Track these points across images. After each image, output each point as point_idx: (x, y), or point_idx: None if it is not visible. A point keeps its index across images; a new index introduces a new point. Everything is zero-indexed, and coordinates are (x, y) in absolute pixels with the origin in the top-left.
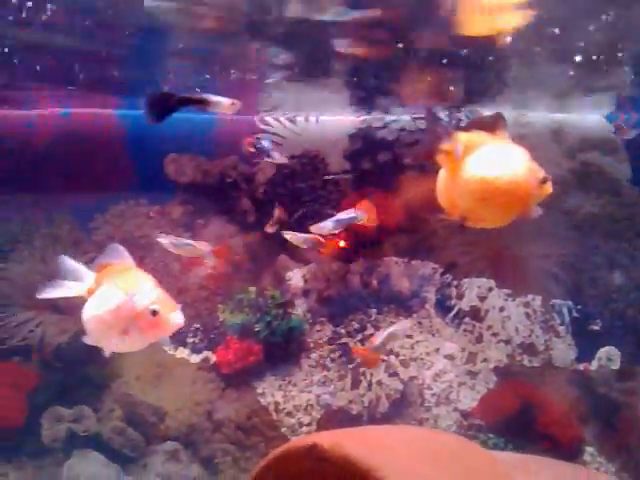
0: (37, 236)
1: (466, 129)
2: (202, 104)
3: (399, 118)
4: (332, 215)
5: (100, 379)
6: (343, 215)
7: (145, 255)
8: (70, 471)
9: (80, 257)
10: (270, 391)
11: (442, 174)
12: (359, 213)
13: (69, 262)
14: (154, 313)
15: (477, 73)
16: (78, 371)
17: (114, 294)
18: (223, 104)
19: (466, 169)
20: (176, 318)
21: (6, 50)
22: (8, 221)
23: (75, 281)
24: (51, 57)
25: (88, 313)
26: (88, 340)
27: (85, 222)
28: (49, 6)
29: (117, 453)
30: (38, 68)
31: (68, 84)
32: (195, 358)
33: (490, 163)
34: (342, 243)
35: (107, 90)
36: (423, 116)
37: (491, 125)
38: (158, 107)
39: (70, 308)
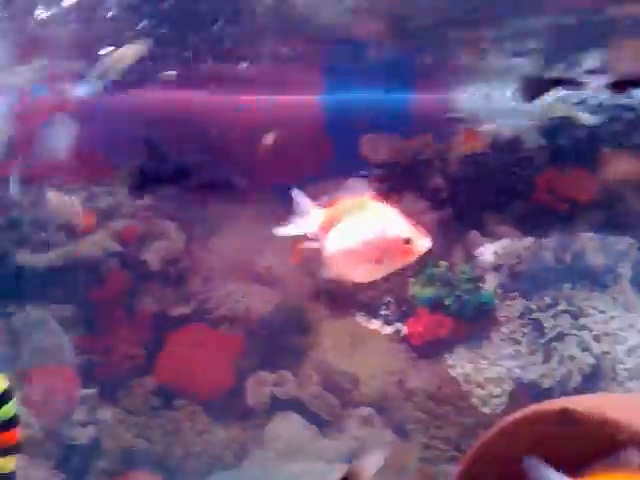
0: (244, 214)
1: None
2: (572, 84)
3: (597, 95)
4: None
5: (299, 347)
6: None
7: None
8: (271, 432)
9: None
10: (460, 363)
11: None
12: None
13: (300, 197)
14: (407, 242)
15: None
16: (279, 339)
17: (365, 226)
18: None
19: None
20: (425, 244)
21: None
22: (218, 202)
23: (304, 217)
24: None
25: (335, 246)
26: (329, 274)
27: (287, 201)
28: None
29: (314, 416)
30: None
31: None
32: (387, 329)
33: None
34: None
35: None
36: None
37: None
38: (532, 88)
39: (273, 281)
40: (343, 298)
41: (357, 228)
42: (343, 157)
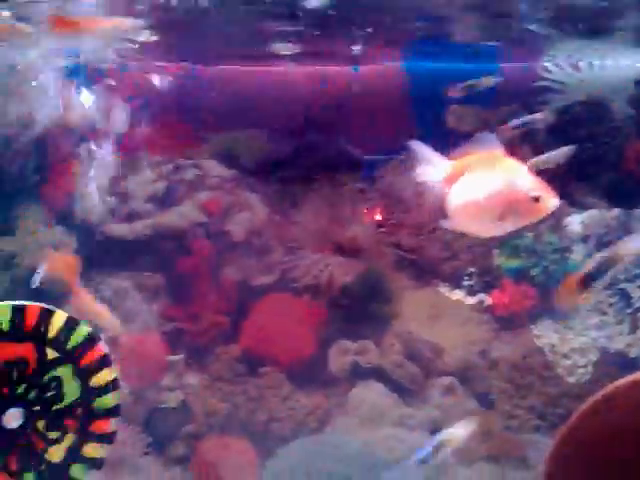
0: (324, 186)
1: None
2: None
3: None
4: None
5: (381, 316)
6: None
7: (421, 204)
8: (354, 399)
9: (362, 205)
10: (546, 333)
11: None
12: None
13: (423, 148)
14: (536, 199)
15: None
16: (362, 308)
17: (493, 180)
18: None
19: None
20: (554, 202)
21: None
22: (295, 176)
23: (428, 167)
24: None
25: (459, 199)
26: (450, 224)
27: (369, 172)
28: None
29: (397, 384)
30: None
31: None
32: (470, 300)
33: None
34: None
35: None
36: None
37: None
38: None
39: (356, 251)
40: (426, 268)
41: (484, 182)
42: (428, 127)
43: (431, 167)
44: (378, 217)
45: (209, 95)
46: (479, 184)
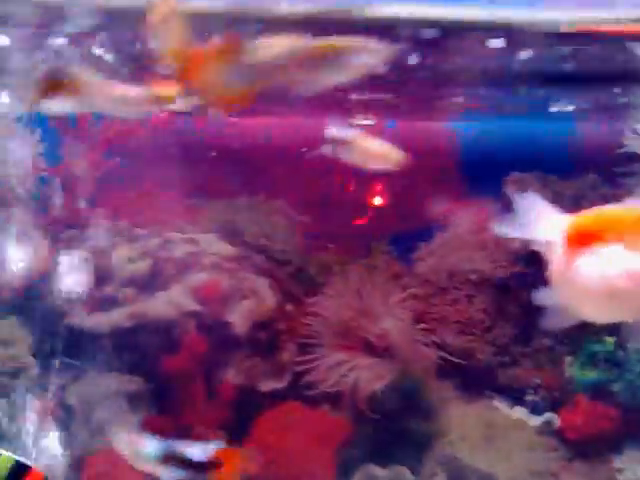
0: (352, 268)
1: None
2: None
3: None
4: None
5: (420, 435)
6: None
7: (474, 295)
8: None
9: (397, 293)
10: (631, 467)
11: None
12: None
13: (531, 196)
14: None
15: None
16: (395, 424)
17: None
18: None
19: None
20: None
21: None
22: (322, 249)
23: (542, 223)
24: None
25: (586, 271)
26: (553, 297)
27: (406, 252)
28: None
29: None
30: None
31: None
32: (534, 420)
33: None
34: None
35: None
36: None
37: None
38: None
39: (386, 350)
40: (478, 376)
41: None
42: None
43: (544, 223)
44: (416, 309)
45: (207, 153)
46: (624, 255)
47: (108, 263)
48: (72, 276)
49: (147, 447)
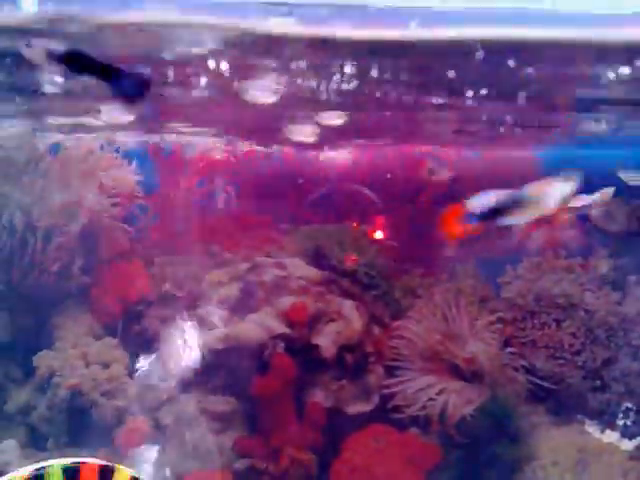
0: (437, 291)
1: None
2: None
3: None
4: None
5: (510, 460)
6: None
7: (564, 318)
8: None
9: (484, 316)
10: None
11: None
12: None
13: None
14: None
15: None
16: (484, 449)
17: None
18: None
19: None
20: None
21: None
22: (414, 274)
23: None
24: None
25: None
26: None
27: (492, 276)
28: None
29: None
30: None
31: None
32: (627, 444)
33: None
34: None
35: None
36: None
37: None
38: None
39: (474, 374)
40: (568, 400)
41: None
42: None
43: None
44: (505, 333)
45: (295, 181)
46: None
47: (201, 286)
48: None
49: None
